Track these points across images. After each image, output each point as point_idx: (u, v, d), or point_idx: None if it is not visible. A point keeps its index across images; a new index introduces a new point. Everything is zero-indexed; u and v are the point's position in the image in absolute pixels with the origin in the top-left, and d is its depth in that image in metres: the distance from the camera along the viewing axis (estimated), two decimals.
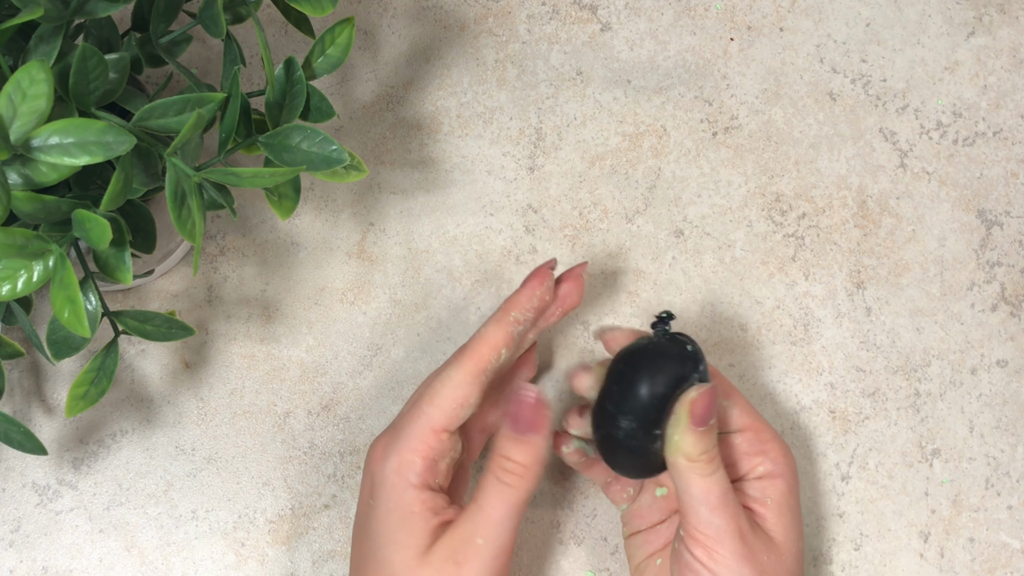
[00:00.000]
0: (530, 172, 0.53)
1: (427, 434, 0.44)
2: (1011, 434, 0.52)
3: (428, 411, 0.44)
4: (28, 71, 0.33)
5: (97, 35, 0.42)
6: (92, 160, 0.34)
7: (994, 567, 0.51)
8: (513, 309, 0.45)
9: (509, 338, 0.45)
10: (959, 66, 0.55)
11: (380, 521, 0.44)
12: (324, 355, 0.52)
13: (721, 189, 0.53)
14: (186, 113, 0.38)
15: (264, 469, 0.51)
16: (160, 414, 0.52)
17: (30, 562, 0.50)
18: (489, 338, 0.45)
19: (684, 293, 0.53)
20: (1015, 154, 0.54)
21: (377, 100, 0.54)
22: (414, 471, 0.43)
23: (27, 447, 0.44)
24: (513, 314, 0.45)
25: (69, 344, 0.43)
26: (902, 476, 0.52)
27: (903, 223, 0.53)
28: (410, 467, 0.43)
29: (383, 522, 0.43)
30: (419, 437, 0.44)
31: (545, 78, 0.54)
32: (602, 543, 0.51)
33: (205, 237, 0.53)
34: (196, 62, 0.54)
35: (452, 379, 0.44)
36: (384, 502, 0.44)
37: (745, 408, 0.46)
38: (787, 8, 0.55)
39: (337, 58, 0.43)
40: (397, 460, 0.44)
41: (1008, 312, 0.53)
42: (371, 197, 0.53)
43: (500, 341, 0.45)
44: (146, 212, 0.42)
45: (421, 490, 0.43)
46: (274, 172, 0.37)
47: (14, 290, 0.36)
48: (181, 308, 0.52)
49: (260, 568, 0.51)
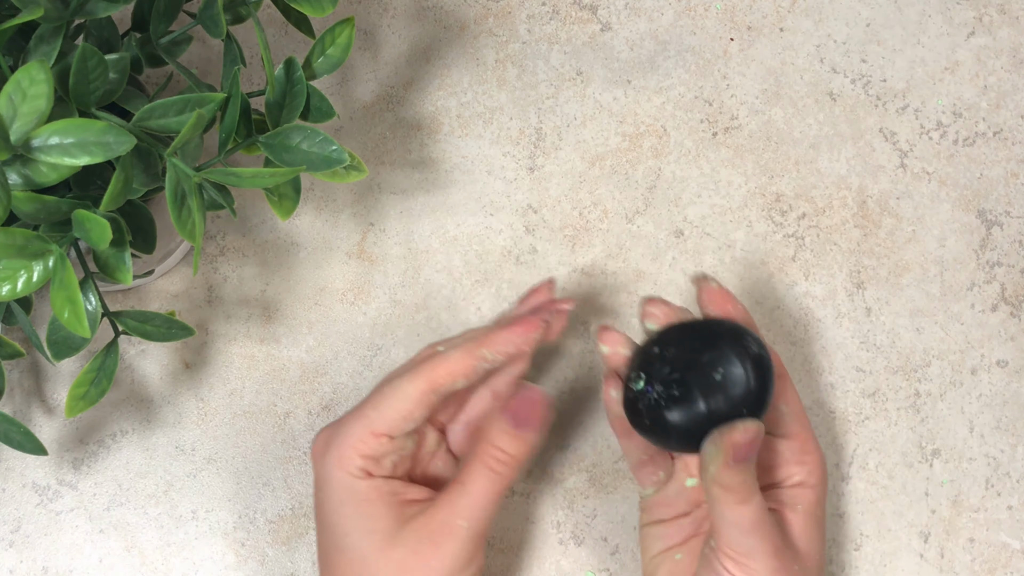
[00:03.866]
0: (530, 172, 0.53)
1: (367, 435, 0.44)
2: (1011, 434, 0.52)
3: (370, 415, 0.44)
4: (28, 71, 0.33)
5: (97, 35, 0.42)
6: (92, 160, 0.34)
7: (994, 567, 0.51)
8: (487, 346, 0.44)
9: (471, 371, 0.44)
10: (959, 66, 0.55)
11: (335, 513, 0.44)
12: (324, 355, 0.52)
13: (721, 189, 0.53)
14: (186, 113, 0.38)
15: (264, 469, 0.51)
16: (160, 414, 0.52)
17: (30, 562, 0.50)
18: (451, 364, 0.44)
19: (684, 293, 0.53)
20: (1015, 154, 0.54)
21: (377, 100, 0.54)
22: (354, 464, 0.44)
23: (27, 447, 0.44)
24: (484, 351, 0.44)
25: (69, 344, 0.43)
26: (902, 476, 0.52)
27: (903, 223, 0.53)
28: (349, 461, 0.44)
29: (338, 514, 0.44)
30: (358, 436, 0.44)
31: (545, 78, 0.54)
32: (602, 543, 0.51)
33: (205, 237, 0.53)
34: (196, 62, 0.54)
35: (402, 391, 0.44)
36: (333, 494, 0.44)
37: (798, 416, 0.46)
38: (787, 8, 0.55)
39: (337, 58, 0.43)
40: (336, 455, 0.44)
41: (1008, 312, 0.53)
42: (371, 197, 0.53)
43: (460, 371, 0.44)
44: (146, 212, 0.42)
45: (369, 478, 0.44)
46: (274, 172, 0.37)
47: (14, 290, 0.36)
48: (181, 308, 0.52)
49: (260, 568, 0.51)
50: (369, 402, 0.45)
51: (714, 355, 0.42)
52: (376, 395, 0.45)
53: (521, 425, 0.43)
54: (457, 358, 0.44)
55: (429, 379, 0.44)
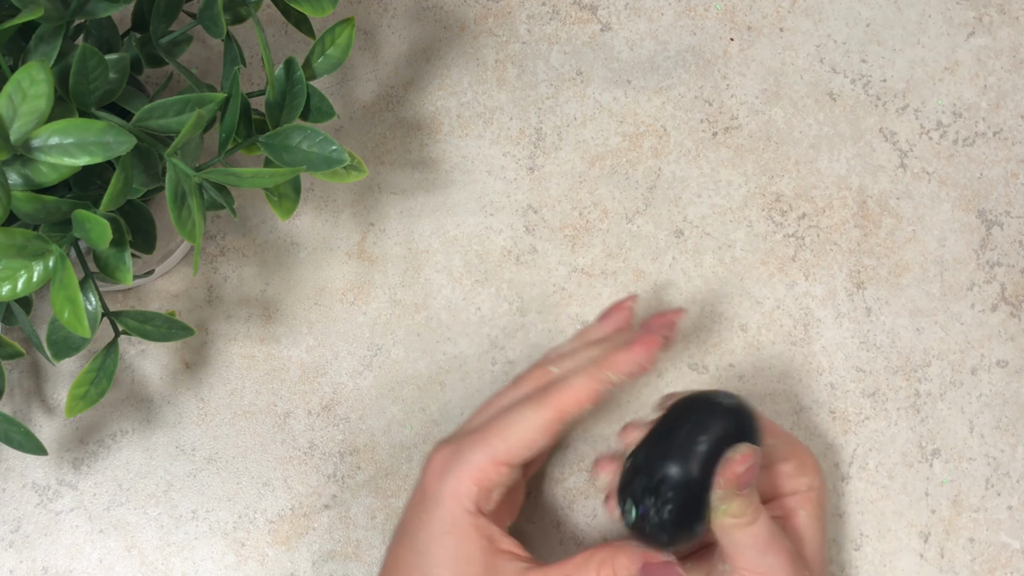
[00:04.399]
0: (530, 172, 0.53)
1: (488, 465, 0.43)
2: (1011, 434, 0.52)
3: (495, 443, 0.44)
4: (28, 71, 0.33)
5: (97, 35, 0.42)
6: (92, 160, 0.34)
7: (994, 567, 0.51)
8: (611, 369, 0.44)
9: (597, 397, 0.44)
10: (959, 66, 0.55)
11: (434, 540, 0.43)
12: (324, 355, 0.52)
13: (721, 189, 0.53)
14: (186, 113, 0.38)
15: (264, 469, 0.51)
16: (160, 414, 0.52)
17: (30, 562, 0.50)
18: (577, 391, 0.44)
19: (684, 293, 0.53)
20: (1015, 154, 0.54)
21: (377, 100, 0.54)
22: (470, 498, 0.43)
23: (27, 447, 0.44)
24: (608, 374, 0.44)
25: (69, 344, 0.43)
26: (902, 476, 0.52)
27: (903, 223, 0.53)
28: (467, 494, 0.43)
29: (437, 542, 0.43)
30: (480, 466, 0.43)
31: (545, 78, 0.54)
32: (602, 543, 0.51)
33: (205, 237, 0.53)
34: (196, 62, 0.54)
35: (529, 420, 0.44)
36: (438, 522, 0.44)
37: (784, 439, 0.47)
38: (787, 8, 0.55)
39: (337, 58, 0.43)
40: (455, 482, 0.43)
41: (1008, 312, 0.53)
42: (371, 197, 0.53)
43: (586, 398, 0.44)
44: (146, 212, 0.42)
45: (476, 516, 0.43)
46: (274, 172, 0.37)
47: (14, 290, 0.36)
48: (181, 308, 0.52)
49: (260, 568, 0.51)
50: (493, 428, 0.44)
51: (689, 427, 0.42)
52: (499, 423, 0.44)
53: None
54: (582, 384, 0.44)
55: (557, 407, 0.44)
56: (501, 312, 0.52)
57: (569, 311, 0.53)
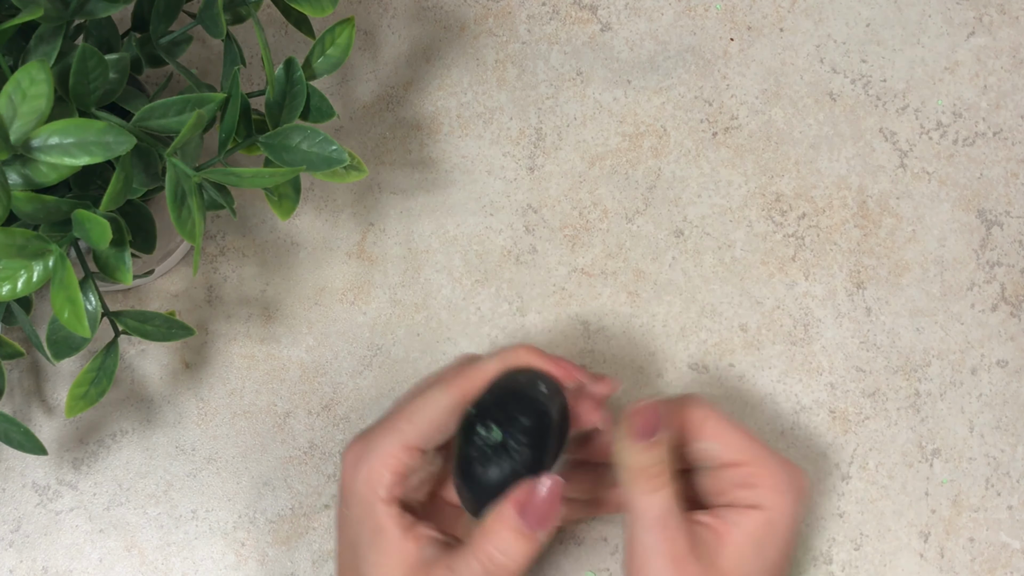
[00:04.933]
0: (530, 172, 0.53)
1: (399, 450, 0.43)
2: (1011, 434, 0.52)
3: (403, 428, 0.43)
4: (28, 71, 0.33)
5: (97, 35, 0.42)
6: (92, 160, 0.34)
7: (994, 567, 0.51)
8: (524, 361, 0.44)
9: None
10: (959, 66, 0.55)
11: (354, 531, 0.43)
12: (324, 355, 0.52)
13: (721, 189, 0.53)
14: (186, 113, 0.38)
15: (264, 469, 0.51)
16: (160, 414, 0.52)
17: (30, 562, 0.50)
18: (486, 373, 0.44)
19: (684, 293, 0.53)
20: (1015, 154, 0.54)
21: (377, 100, 0.54)
22: (383, 484, 0.43)
23: (27, 447, 0.44)
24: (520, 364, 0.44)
25: (69, 344, 0.43)
26: (902, 476, 0.52)
27: (903, 223, 0.53)
28: (379, 480, 0.43)
29: (357, 533, 0.43)
30: (390, 452, 0.43)
31: (545, 78, 0.54)
32: (602, 543, 0.51)
33: (205, 237, 0.53)
34: (196, 62, 0.54)
35: (436, 401, 0.44)
36: (355, 511, 0.43)
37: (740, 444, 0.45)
38: (787, 8, 0.55)
39: (337, 58, 0.43)
40: (367, 471, 0.43)
41: (1008, 312, 0.53)
42: (371, 197, 0.53)
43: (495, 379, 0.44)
44: (146, 212, 0.42)
45: (389, 504, 0.43)
46: (274, 172, 0.37)
47: (14, 290, 0.36)
48: (181, 308, 0.52)
49: (260, 568, 0.51)
50: (402, 414, 0.44)
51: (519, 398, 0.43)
52: (409, 406, 0.44)
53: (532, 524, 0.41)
54: (492, 368, 0.44)
55: (464, 387, 0.44)
56: (501, 312, 0.52)
57: (569, 311, 0.53)
